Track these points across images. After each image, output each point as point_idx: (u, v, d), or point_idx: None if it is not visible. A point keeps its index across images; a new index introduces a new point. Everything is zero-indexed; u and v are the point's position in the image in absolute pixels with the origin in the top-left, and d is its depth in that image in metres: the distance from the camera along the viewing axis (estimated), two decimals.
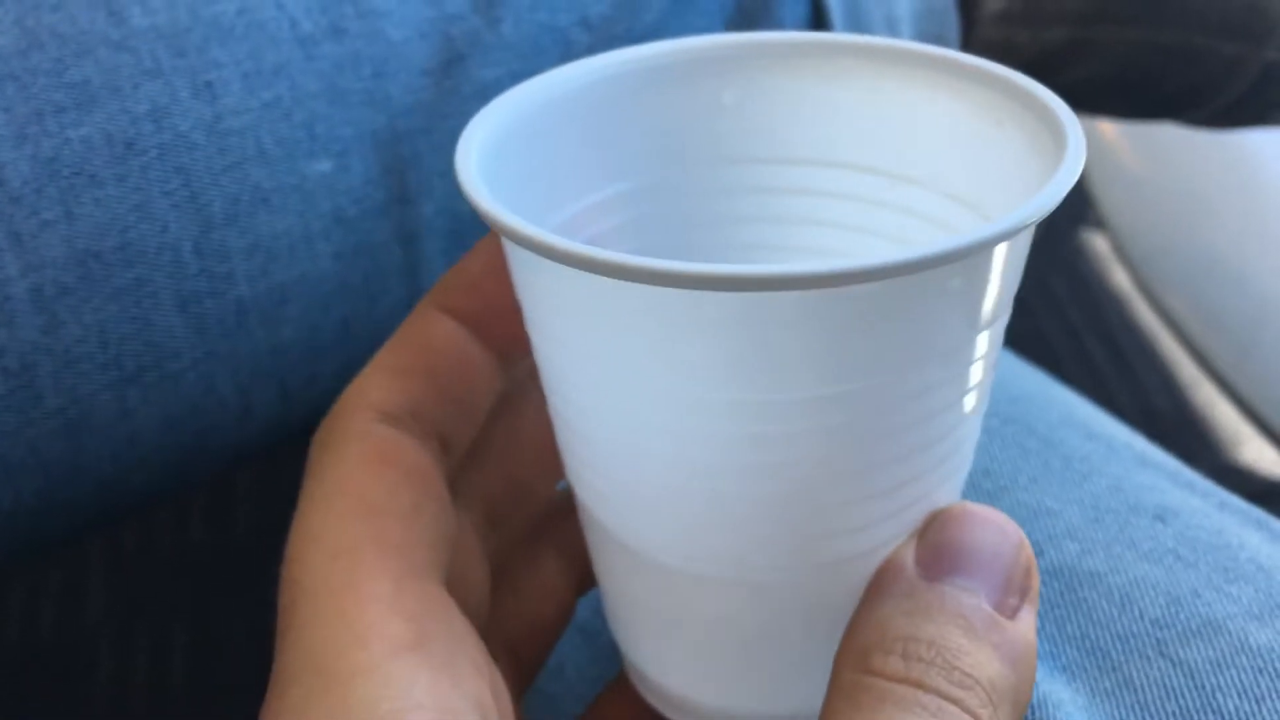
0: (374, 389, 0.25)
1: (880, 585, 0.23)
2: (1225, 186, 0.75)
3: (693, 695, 0.27)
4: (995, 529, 0.23)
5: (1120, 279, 1.19)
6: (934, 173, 0.26)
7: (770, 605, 0.24)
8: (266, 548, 0.24)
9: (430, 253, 0.39)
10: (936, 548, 0.23)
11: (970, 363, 0.22)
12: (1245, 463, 1.02)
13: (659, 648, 0.27)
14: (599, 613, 0.35)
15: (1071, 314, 1.17)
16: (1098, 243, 1.24)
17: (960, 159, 0.25)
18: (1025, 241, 0.23)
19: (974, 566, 0.22)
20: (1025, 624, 0.22)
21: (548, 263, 0.20)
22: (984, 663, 0.21)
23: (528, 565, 0.30)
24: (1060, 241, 1.22)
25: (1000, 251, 0.21)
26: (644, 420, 0.23)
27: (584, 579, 0.30)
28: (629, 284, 0.20)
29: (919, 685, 0.21)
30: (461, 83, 0.38)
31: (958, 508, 0.24)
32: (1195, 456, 0.54)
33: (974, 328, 0.22)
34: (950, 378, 0.22)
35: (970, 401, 0.23)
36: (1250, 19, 0.49)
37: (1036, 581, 0.23)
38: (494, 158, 0.23)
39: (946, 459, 0.23)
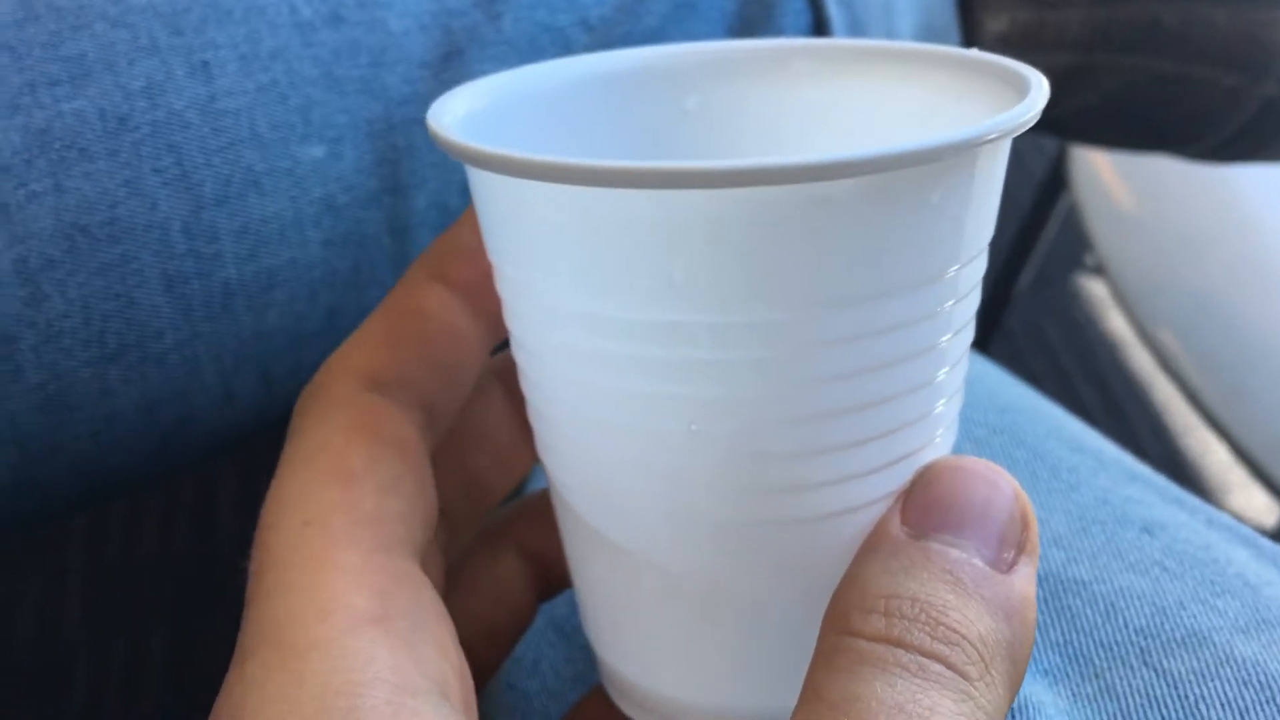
0: (361, 354, 0.25)
1: (865, 547, 0.22)
2: (1220, 225, 0.75)
3: (678, 695, 0.26)
4: (986, 482, 0.22)
5: (1114, 324, 1.19)
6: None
7: (751, 571, 0.23)
8: (247, 559, 0.23)
9: (420, 245, 0.38)
10: (923, 505, 0.22)
11: (949, 300, 0.22)
12: (1234, 510, 1.02)
13: (632, 642, 0.26)
14: (577, 611, 0.35)
15: (1063, 358, 1.17)
16: (1092, 287, 1.24)
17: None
18: (1000, 169, 0.22)
19: (963, 522, 0.21)
20: (1021, 577, 0.21)
21: (492, 183, 0.21)
22: (973, 619, 0.20)
23: (486, 565, 0.29)
24: (1054, 286, 1.22)
25: (980, 168, 0.21)
26: (578, 346, 0.22)
27: (547, 584, 0.30)
28: (555, 187, 0.20)
29: (899, 644, 0.20)
30: (460, 76, 0.38)
31: (945, 461, 0.23)
32: None
33: (953, 257, 0.21)
34: (927, 316, 0.21)
35: (953, 350, 0.22)
36: (1250, 52, 0.49)
37: (1034, 533, 0.22)
38: (469, 133, 0.23)
39: (929, 414, 0.23)
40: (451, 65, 0.38)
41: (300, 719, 0.20)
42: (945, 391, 0.23)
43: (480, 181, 0.23)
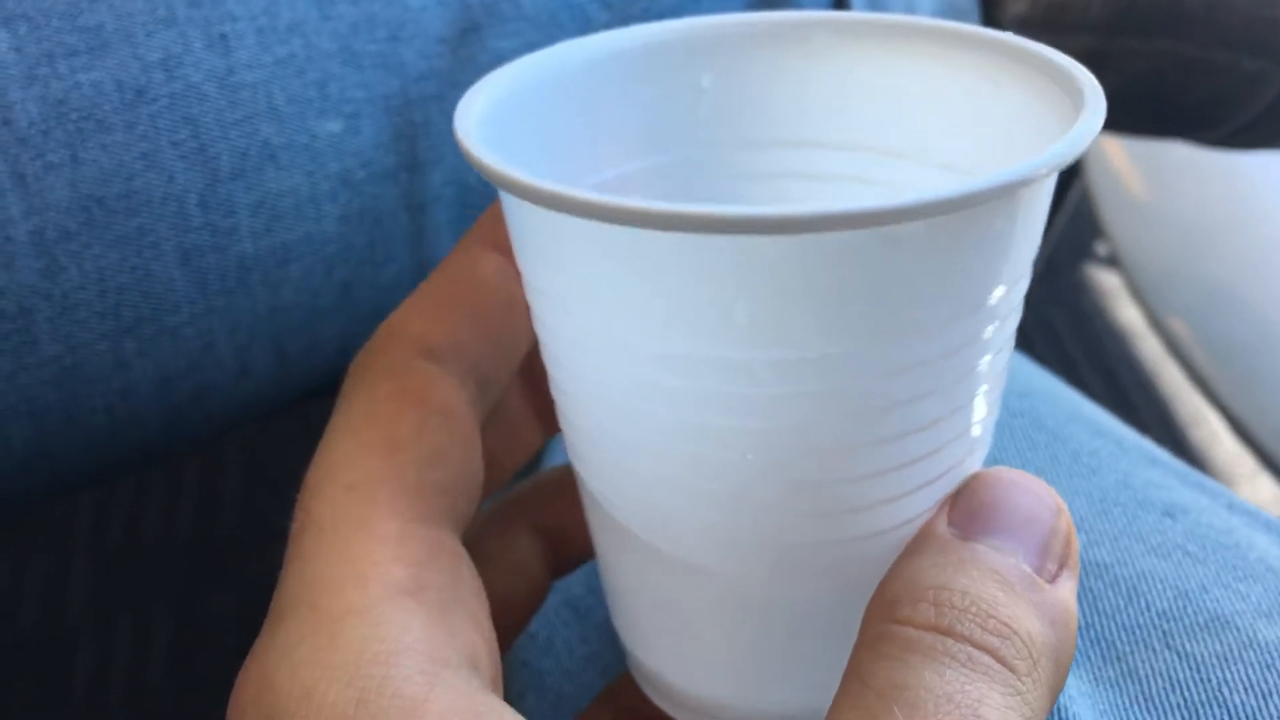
0: (417, 320, 0.24)
1: (910, 549, 0.22)
2: (1233, 214, 0.75)
3: (710, 693, 0.26)
4: (1032, 495, 0.22)
5: (1122, 315, 1.19)
6: (923, 145, 0.25)
7: (797, 585, 0.23)
8: (252, 541, 0.23)
9: (437, 221, 0.38)
10: (969, 510, 0.22)
11: (999, 320, 0.21)
12: None
13: (672, 645, 0.26)
14: (592, 590, 0.35)
15: (1071, 347, 1.17)
16: (1100, 277, 1.24)
17: (952, 127, 0.25)
18: (1054, 181, 0.22)
19: (1010, 529, 0.21)
20: (1065, 590, 0.21)
21: (543, 213, 0.20)
22: (1022, 616, 0.20)
23: (500, 541, 0.29)
24: (1062, 275, 1.22)
25: (1041, 186, 0.21)
26: (629, 377, 0.21)
27: (560, 560, 0.30)
28: (621, 228, 0.19)
29: (948, 633, 0.20)
30: (477, 52, 0.38)
31: (992, 472, 0.22)
32: None
33: (1008, 278, 0.21)
34: (981, 337, 0.21)
35: (1000, 363, 0.22)
36: (1273, 36, 0.49)
37: (1076, 550, 0.22)
38: (491, 128, 0.22)
39: (972, 425, 0.22)
40: (469, 41, 0.38)
41: (332, 686, 0.19)
42: (989, 404, 0.23)
43: (514, 203, 0.22)
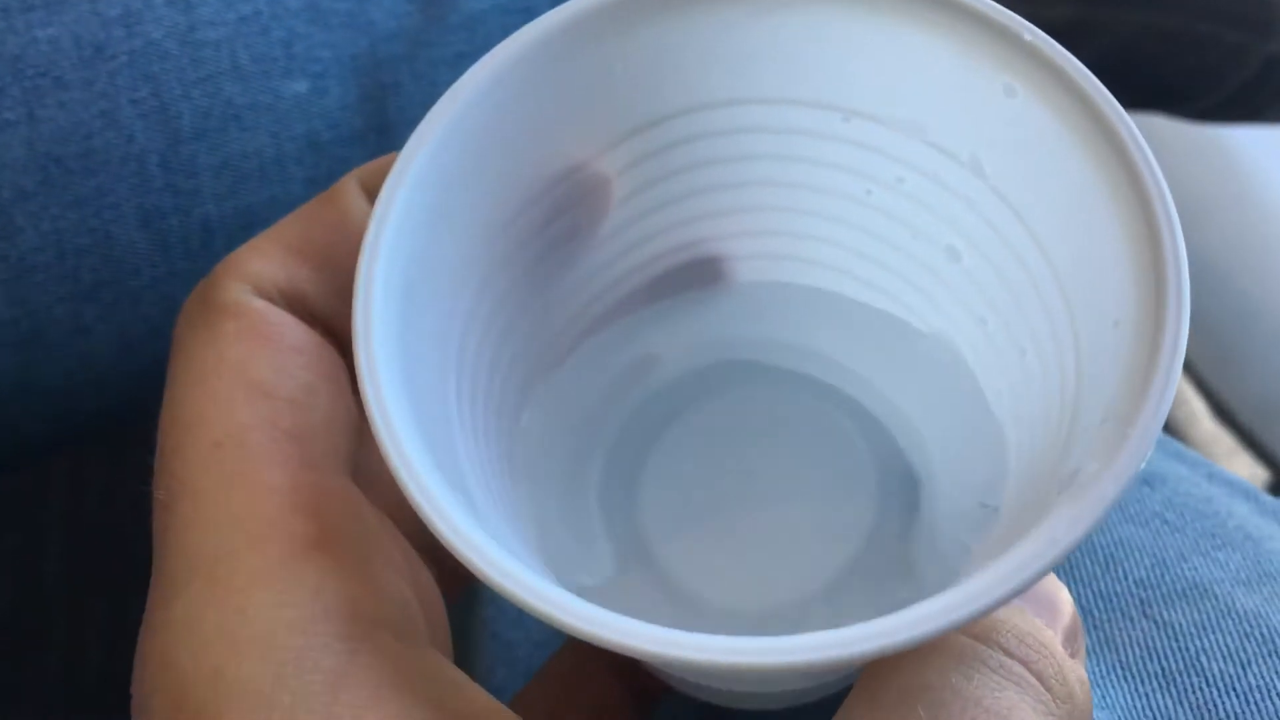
0: (254, 260, 0.22)
1: None
2: (1217, 193, 0.74)
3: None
4: (1050, 580, 0.21)
5: None
6: (911, 115, 0.23)
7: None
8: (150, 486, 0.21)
9: None
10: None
11: None
12: None
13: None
14: None
15: None
16: None
17: (949, 108, 0.22)
18: None
19: (1031, 599, 0.20)
20: (1082, 669, 0.20)
21: None
22: (1056, 650, 0.19)
23: None
24: None
25: None
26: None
27: None
28: None
29: (982, 639, 0.18)
30: (448, 11, 0.37)
31: None
32: None
33: None
34: None
35: None
36: (1256, 8, 0.48)
37: (1084, 644, 0.21)
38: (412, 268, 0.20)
39: None
40: (439, 0, 0.37)
41: (244, 662, 0.18)
42: None
43: None
